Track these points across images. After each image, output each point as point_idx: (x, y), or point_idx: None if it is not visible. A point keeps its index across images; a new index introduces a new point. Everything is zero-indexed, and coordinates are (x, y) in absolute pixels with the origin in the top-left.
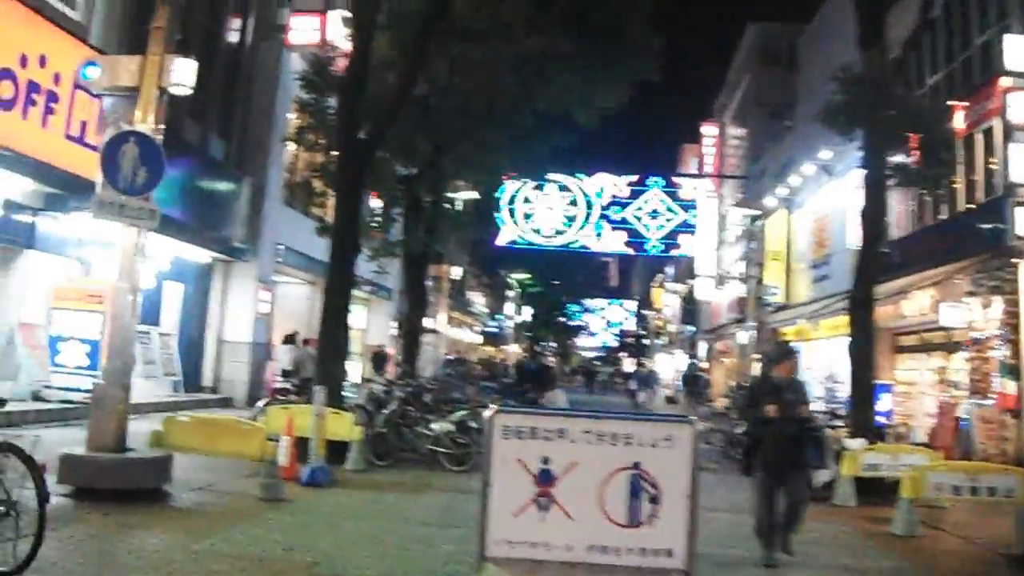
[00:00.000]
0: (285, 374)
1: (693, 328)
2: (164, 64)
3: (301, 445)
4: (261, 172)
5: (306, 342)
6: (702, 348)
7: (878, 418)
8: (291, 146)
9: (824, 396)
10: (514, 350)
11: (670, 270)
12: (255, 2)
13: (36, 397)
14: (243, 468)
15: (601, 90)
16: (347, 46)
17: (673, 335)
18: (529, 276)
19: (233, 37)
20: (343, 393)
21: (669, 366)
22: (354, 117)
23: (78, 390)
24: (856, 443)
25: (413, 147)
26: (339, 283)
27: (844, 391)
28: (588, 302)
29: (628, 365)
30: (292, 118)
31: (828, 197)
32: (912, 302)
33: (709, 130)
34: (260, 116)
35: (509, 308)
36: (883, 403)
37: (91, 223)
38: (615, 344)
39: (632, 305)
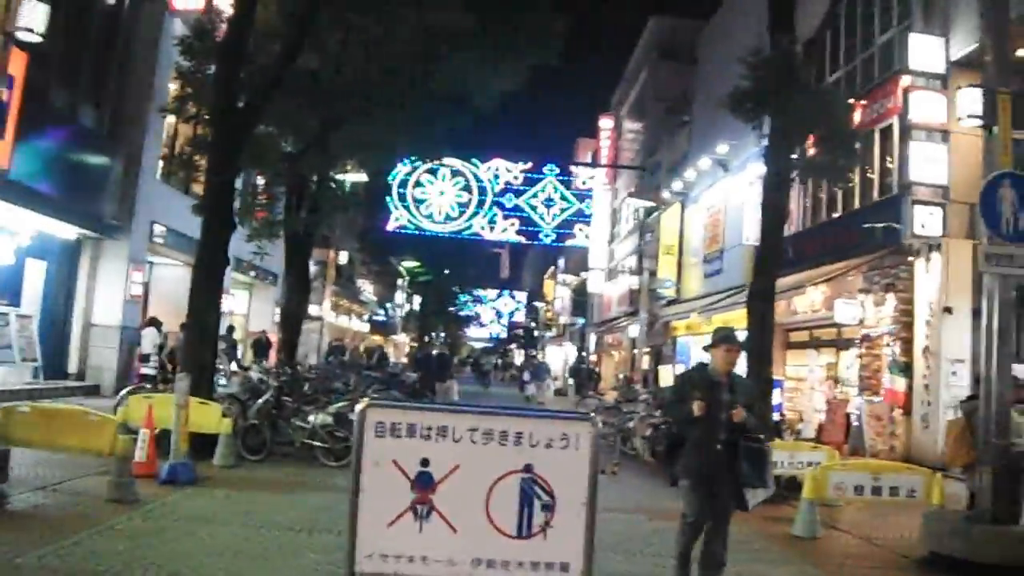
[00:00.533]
0: (144, 359)
1: (583, 320)
2: (11, 5)
3: (165, 439)
4: (136, 145)
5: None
6: (592, 341)
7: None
8: (171, 119)
9: None
10: (403, 339)
11: (562, 262)
12: None
13: None
14: (96, 465)
15: (500, 72)
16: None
17: (562, 327)
18: (419, 264)
19: None
20: (221, 382)
21: (559, 358)
22: (231, 84)
23: None
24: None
25: (299, 122)
26: (210, 260)
27: None
28: (479, 292)
29: (518, 357)
30: (173, 89)
31: (723, 192)
32: (805, 298)
33: (605, 123)
34: (137, 85)
35: (399, 297)
36: (774, 398)
37: None
38: (505, 336)
39: (523, 296)
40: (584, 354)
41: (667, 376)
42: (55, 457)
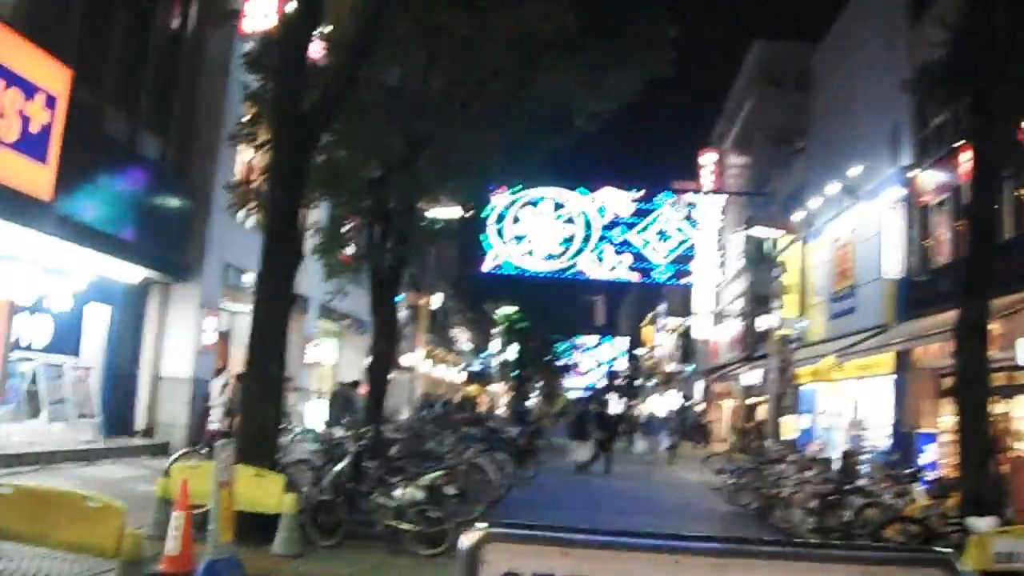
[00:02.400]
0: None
1: (692, 367)
2: None
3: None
4: (206, 178)
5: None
6: (698, 389)
7: (924, 472)
8: (245, 152)
9: (851, 445)
10: (499, 390)
11: (663, 307)
12: None
13: None
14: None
15: (605, 85)
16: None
17: (668, 375)
18: (516, 310)
19: (173, 21)
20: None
21: (662, 408)
22: (294, 83)
23: None
24: (984, 523)
25: (380, 142)
26: (271, 293)
27: (874, 438)
28: (579, 340)
29: (615, 406)
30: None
31: (852, 222)
32: None
33: (708, 158)
34: (206, 114)
35: (494, 345)
36: (927, 455)
37: None
38: (604, 385)
39: (623, 343)
40: (688, 404)
41: (791, 428)
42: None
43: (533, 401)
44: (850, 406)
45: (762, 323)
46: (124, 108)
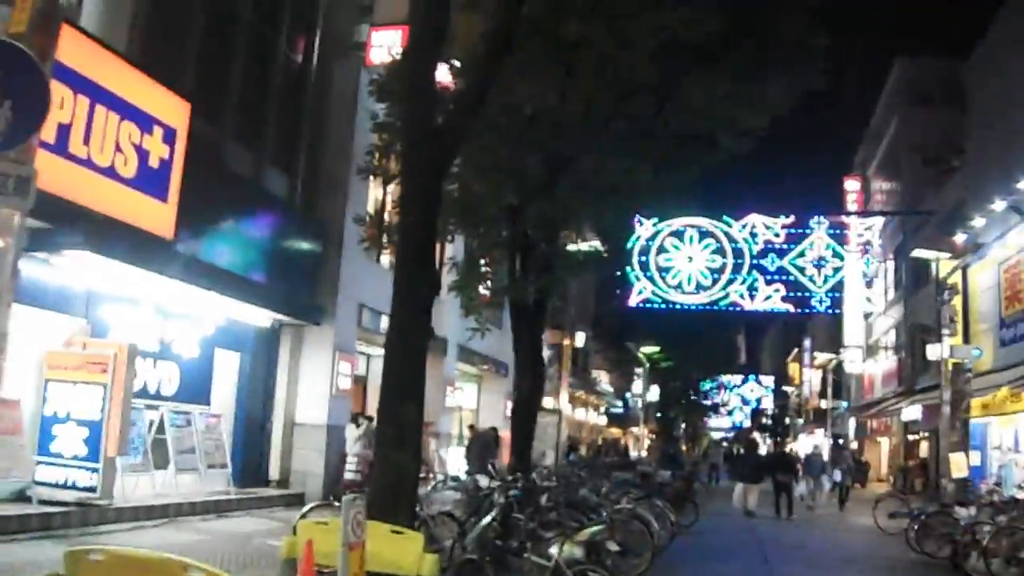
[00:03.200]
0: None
1: (846, 404)
2: None
3: None
4: (338, 215)
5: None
6: (850, 426)
7: None
8: (377, 188)
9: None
10: (642, 432)
11: (808, 342)
12: (326, 14)
13: (22, 497)
14: None
15: (754, 97)
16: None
17: (818, 411)
18: (659, 349)
19: (297, 53)
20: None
21: (811, 447)
22: (423, 107)
23: (73, 487)
24: None
25: (517, 167)
26: (405, 326)
27: None
28: (723, 378)
29: (762, 447)
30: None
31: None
32: None
33: (851, 185)
34: (335, 148)
35: (636, 386)
36: None
37: (93, 266)
38: (748, 424)
39: (769, 381)
40: (841, 442)
41: (961, 466)
42: None
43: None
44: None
45: (932, 353)
46: (247, 143)
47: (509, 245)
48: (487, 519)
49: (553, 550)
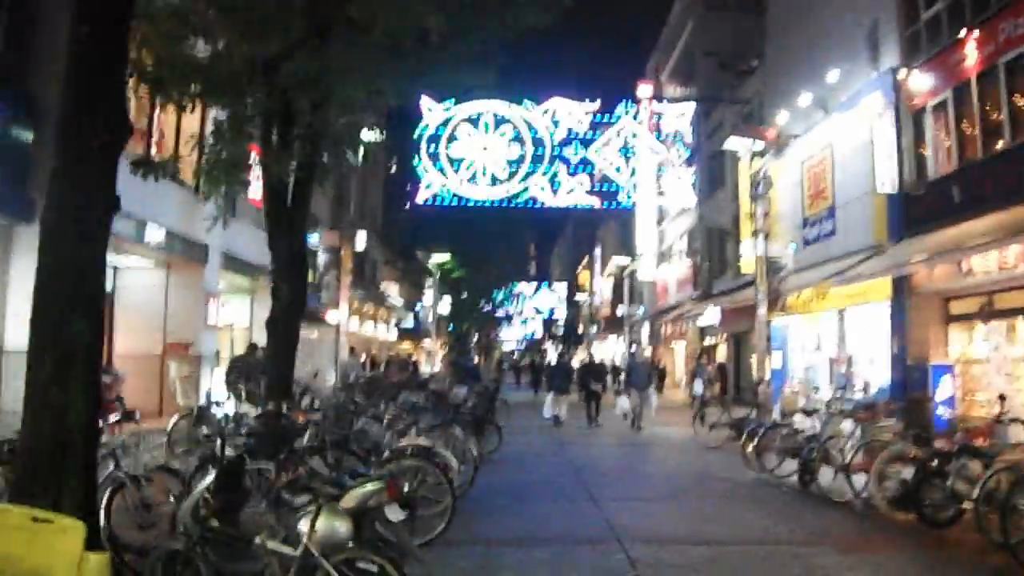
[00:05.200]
0: None
1: (643, 309)
2: None
3: None
4: (54, 91)
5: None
6: (644, 333)
7: (941, 410)
8: None
9: (837, 382)
10: (434, 346)
11: (598, 251)
12: None
13: None
14: None
15: None
16: None
17: (615, 319)
18: (450, 258)
19: None
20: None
21: (608, 355)
22: None
23: None
24: None
25: (271, 17)
26: (69, 205)
27: (868, 374)
28: (517, 288)
29: (551, 356)
30: None
31: (826, 138)
32: (986, 256)
33: (644, 90)
34: (51, 6)
35: (427, 298)
36: (943, 389)
37: None
38: (541, 335)
39: (561, 289)
40: (636, 349)
41: (764, 368)
42: None
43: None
44: (831, 340)
45: (746, 249)
46: None
47: (264, 113)
48: (201, 485)
49: (303, 526)
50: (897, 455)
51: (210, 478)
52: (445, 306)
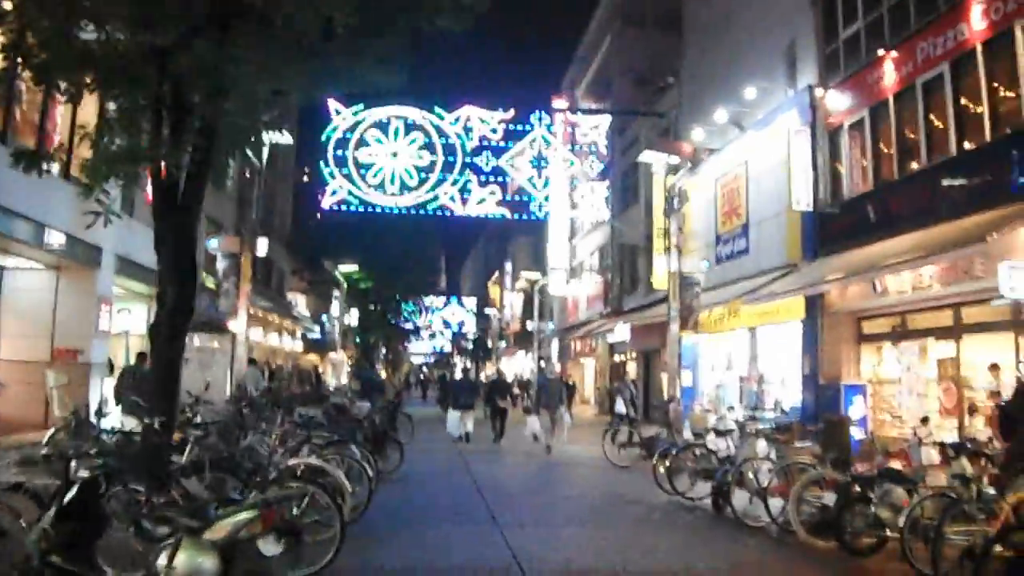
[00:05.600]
0: None
1: (552, 325)
2: None
3: None
4: None
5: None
6: (554, 349)
7: (854, 431)
8: None
9: (748, 401)
10: (341, 358)
11: (509, 265)
12: None
13: None
14: None
15: None
16: None
17: (524, 334)
18: (357, 269)
19: None
20: None
21: (514, 370)
22: None
23: None
24: None
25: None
26: None
27: (779, 393)
28: (425, 301)
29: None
30: None
31: (741, 155)
32: (900, 276)
33: (559, 104)
34: None
35: (335, 309)
36: (856, 409)
37: None
38: (450, 349)
39: (471, 303)
40: (547, 364)
41: (674, 385)
42: None
43: (379, 369)
44: (742, 359)
45: (659, 265)
46: None
47: (155, 102)
48: (49, 513)
49: (161, 561)
50: (816, 479)
51: (51, 512)
52: (354, 318)
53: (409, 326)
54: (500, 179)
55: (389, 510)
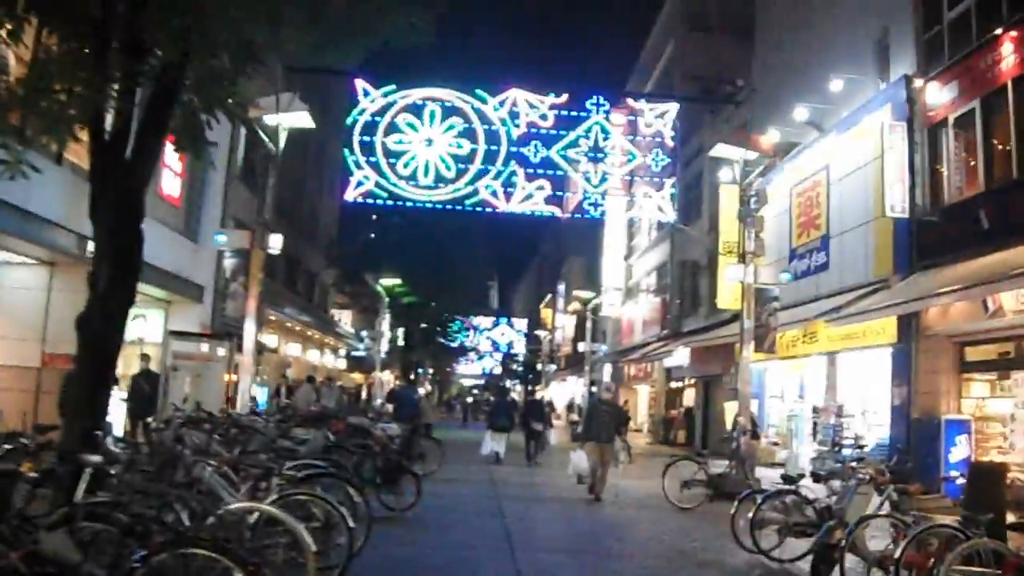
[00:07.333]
0: None
1: (604, 348)
2: None
3: None
4: None
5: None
6: (606, 373)
7: (952, 474)
8: None
9: (823, 436)
10: (386, 377)
11: (562, 287)
12: None
13: None
14: None
15: None
16: None
17: (576, 357)
18: (400, 282)
19: None
20: None
21: (564, 395)
22: None
23: None
24: None
25: None
26: None
27: (860, 428)
28: (474, 320)
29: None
30: None
31: (821, 160)
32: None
33: (618, 118)
34: None
35: (380, 326)
36: (960, 450)
37: None
38: (500, 371)
39: (521, 324)
40: (601, 385)
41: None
42: None
43: (423, 390)
44: (816, 388)
45: (733, 275)
46: None
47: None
48: None
49: None
50: (971, 551)
51: None
52: (400, 335)
53: (455, 345)
54: (551, 172)
55: (385, 569)
